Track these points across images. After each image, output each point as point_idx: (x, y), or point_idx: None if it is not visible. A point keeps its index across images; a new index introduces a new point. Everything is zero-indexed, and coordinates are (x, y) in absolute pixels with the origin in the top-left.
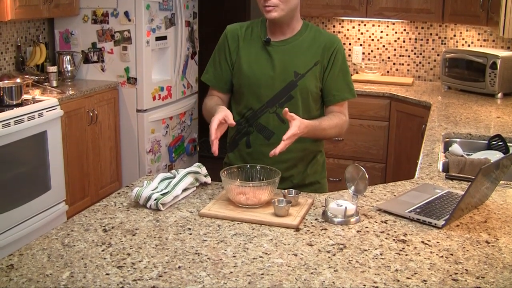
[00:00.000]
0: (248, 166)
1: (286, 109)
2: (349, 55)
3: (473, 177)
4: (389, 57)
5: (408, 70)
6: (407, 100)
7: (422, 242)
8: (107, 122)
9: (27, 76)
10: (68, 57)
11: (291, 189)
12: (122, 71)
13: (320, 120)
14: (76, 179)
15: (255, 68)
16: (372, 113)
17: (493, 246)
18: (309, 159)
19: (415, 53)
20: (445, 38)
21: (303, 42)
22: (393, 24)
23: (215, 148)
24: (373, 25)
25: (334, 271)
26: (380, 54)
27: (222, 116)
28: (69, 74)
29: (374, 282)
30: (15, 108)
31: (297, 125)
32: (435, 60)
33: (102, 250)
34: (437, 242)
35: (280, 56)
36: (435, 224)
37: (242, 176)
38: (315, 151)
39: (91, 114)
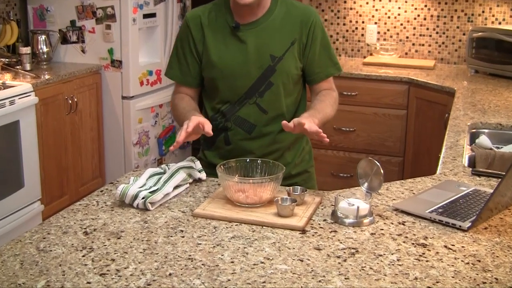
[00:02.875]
0: (247, 160)
1: (284, 122)
2: (362, 35)
3: (504, 173)
4: (407, 37)
5: (429, 51)
6: (428, 85)
7: (445, 246)
8: (89, 110)
9: None
10: (43, 36)
11: (296, 186)
12: (105, 53)
13: (314, 106)
14: (53, 175)
15: (226, 57)
16: (388, 100)
17: None
18: (295, 148)
19: (437, 32)
20: (472, 15)
21: (276, 20)
22: None
23: (180, 139)
24: (390, 1)
25: (345, 278)
26: (398, 34)
27: (202, 120)
28: (45, 56)
29: None
30: None
31: (310, 122)
32: (460, 40)
33: (83, 256)
34: (462, 246)
35: (252, 40)
36: (460, 226)
37: (241, 171)
38: (300, 138)
39: (70, 101)
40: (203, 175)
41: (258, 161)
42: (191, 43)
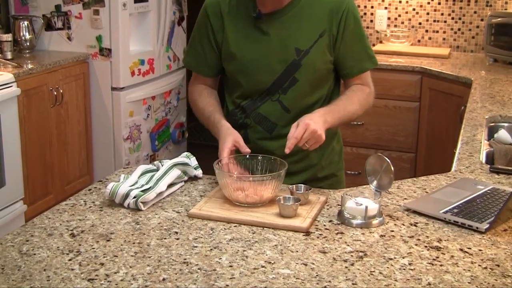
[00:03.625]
0: (247, 156)
1: (287, 150)
2: (371, 21)
3: None
4: (420, 23)
5: (444, 39)
6: (442, 75)
7: (461, 249)
8: (75, 102)
9: None
10: (25, 22)
11: (299, 185)
12: (94, 41)
13: (336, 101)
14: (36, 173)
15: (246, 49)
16: (400, 91)
17: None
18: (323, 148)
19: (452, 18)
20: None
21: (303, 9)
22: None
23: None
24: None
25: (352, 284)
26: (410, 20)
27: (231, 144)
28: (28, 43)
29: None
30: None
31: (305, 124)
32: (477, 27)
33: (69, 260)
34: (480, 250)
35: (276, 31)
36: (477, 227)
37: (240, 168)
38: (330, 137)
39: (55, 93)
40: (199, 172)
41: (259, 157)
42: (210, 32)
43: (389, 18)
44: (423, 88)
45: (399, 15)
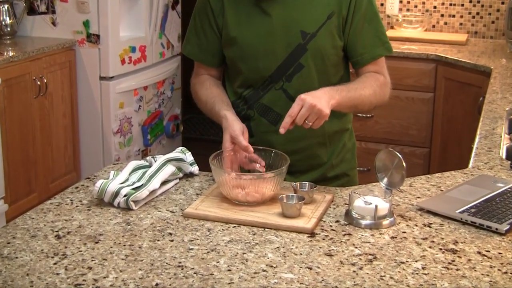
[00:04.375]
0: None
1: (282, 127)
2: (382, 4)
3: None
4: (435, 7)
5: (461, 24)
6: (459, 64)
7: (479, 252)
8: (61, 93)
9: None
10: (6, 6)
11: (304, 182)
12: (80, 26)
13: (346, 83)
14: (18, 169)
15: (247, 33)
16: (412, 81)
17: None
18: (333, 144)
19: (470, 1)
20: None
21: None
22: None
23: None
24: None
25: None
26: (424, 3)
27: (229, 144)
28: (8, 29)
29: None
30: None
31: (301, 99)
32: (498, 10)
33: (55, 263)
34: (499, 253)
35: (279, 13)
36: (497, 229)
37: (239, 164)
38: (341, 131)
39: (38, 82)
40: (195, 169)
41: (260, 152)
42: (210, 16)
43: (401, 2)
44: (438, 77)
45: None
